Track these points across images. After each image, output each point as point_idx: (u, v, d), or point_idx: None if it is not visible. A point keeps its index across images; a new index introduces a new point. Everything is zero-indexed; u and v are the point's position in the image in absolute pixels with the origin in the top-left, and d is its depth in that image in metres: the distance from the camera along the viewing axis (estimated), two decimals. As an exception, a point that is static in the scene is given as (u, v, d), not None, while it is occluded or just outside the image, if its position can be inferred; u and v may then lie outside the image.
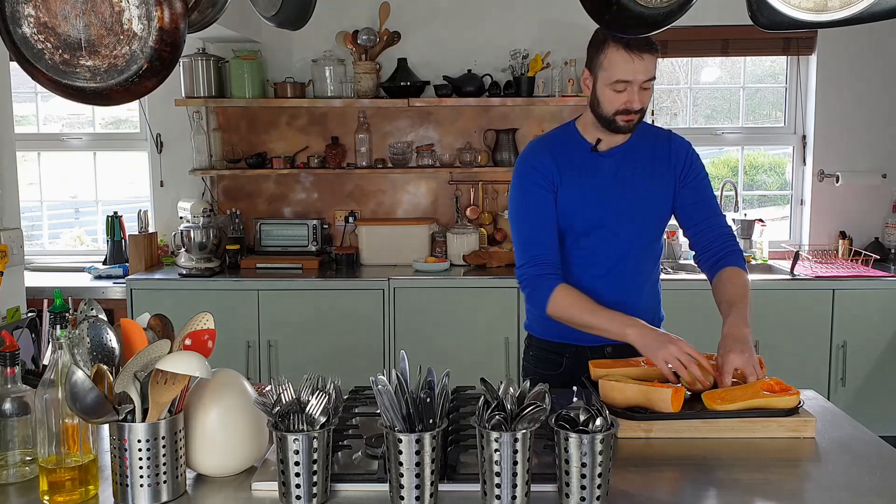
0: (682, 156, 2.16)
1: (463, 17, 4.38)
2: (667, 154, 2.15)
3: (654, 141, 2.17)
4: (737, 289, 2.03)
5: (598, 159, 2.11)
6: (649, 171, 2.13)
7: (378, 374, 1.35)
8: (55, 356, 1.41)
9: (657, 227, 2.19)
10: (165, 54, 1.48)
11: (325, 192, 4.50)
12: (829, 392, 3.96)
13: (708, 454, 1.64)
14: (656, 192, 2.14)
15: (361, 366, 3.83)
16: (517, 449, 1.32)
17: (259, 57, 4.28)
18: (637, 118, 2.02)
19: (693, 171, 2.16)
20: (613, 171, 2.11)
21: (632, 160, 2.12)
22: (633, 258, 2.15)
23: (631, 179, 2.11)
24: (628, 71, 1.95)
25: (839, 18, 1.52)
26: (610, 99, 2.00)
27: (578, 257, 2.13)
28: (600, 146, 2.10)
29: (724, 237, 2.15)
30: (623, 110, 1.99)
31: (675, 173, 2.15)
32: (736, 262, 2.11)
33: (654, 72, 1.98)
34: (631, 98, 1.98)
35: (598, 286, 2.11)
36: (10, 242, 2.78)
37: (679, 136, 2.21)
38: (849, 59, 4.39)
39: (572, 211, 2.10)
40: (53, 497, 1.39)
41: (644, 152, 2.14)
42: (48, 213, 4.81)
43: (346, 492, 1.44)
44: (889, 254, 4.38)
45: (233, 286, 3.96)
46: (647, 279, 2.20)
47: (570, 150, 2.12)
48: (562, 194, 2.10)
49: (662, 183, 2.14)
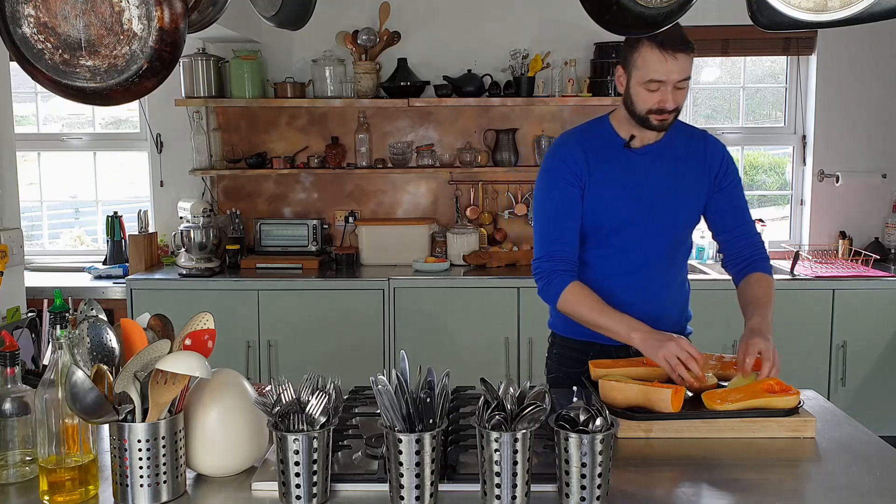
0: (717, 158, 2.14)
1: (463, 17, 4.38)
2: (702, 155, 2.13)
3: (688, 140, 2.14)
4: (762, 292, 2.08)
5: (631, 156, 2.09)
6: (682, 170, 2.10)
7: (378, 374, 1.35)
8: (55, 356, 1.41)
9: (687, 228, 2.17)
10: (165, 54, 1.48)
11: (325, 192, 4.50)
12: (829, 392, 3.96)
13: (708, 454, 1.64)
14: (688, 193, 2.11)
15: (361, 366, 3.83)
16: (517, 449, 1.32)
17: (259, 57, 4.28)
18: (671, 118, 2.01)
19: (728, 175, 2.14)
20: (646, 169, 2.09)
21: (665, 159, 2.10)
22: (662, 257, 2.13)
23: (663, 178, 2.09)
24: (662, 70, 1.93)
25: (839, 18, 1.52)
26: (643, 98, 1.99)
27: (607, 254, 2.11)
28: (633, 143, 2.08)
29: (755, 245, 2.18)
30: (656, 109, 1.98)
31: (709, 175, 2.12)
32: (763, 268, 2.14)
33: (688, 72, 1.96)
34: (664, 97, 1.96)
35: (626, 284, 2.10)
36: (10, 242, 2.78)
37: (714, 137, 2.18)
38: (849, 59, 4.39)
39: (602, 208, 2.08)
40: (53, 497, 1.40)
41: (678, 151, 2.11)
42: (48, 213, 4.81)
43: (346, 492, 1.44)
44: (889, 254, 4.38)
45: (233, 286, 3.96)
46: (675, 278, 2.18)
47: (602, 146, 2.11)
48: (591, 190, 2.08)
49: (696, 183, 2.12)
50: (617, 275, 2.11)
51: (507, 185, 4.43)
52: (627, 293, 2.09)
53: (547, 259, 2.09)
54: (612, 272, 2.12)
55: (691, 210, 2.14)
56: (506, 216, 4.43)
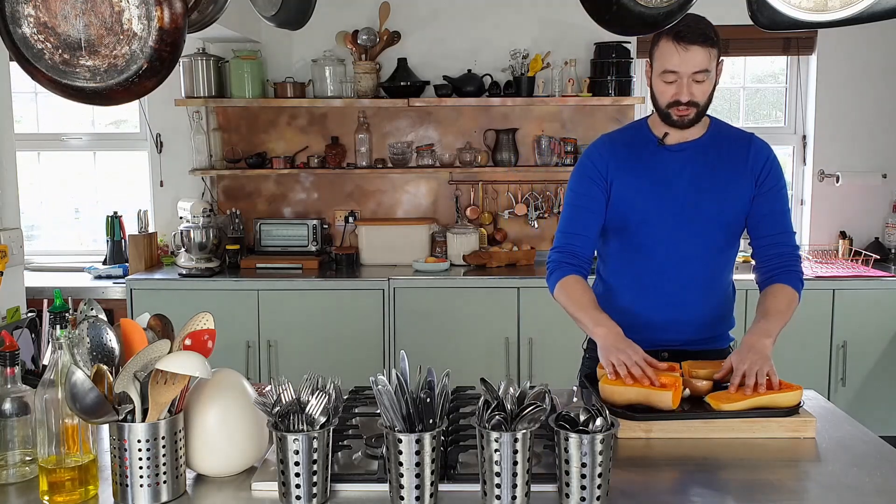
0: (761, 160, 2.07)
1: (463, 17, 4.38)
2: (745, 157, 2.07)
3: (731, 141, 2.09)
4: (777, 303, 1.99)
5: (665, 154, 2.06)
6: (722, 170, 2.05)
7: (378, 374, 1.35)
8: (55, 356, 1.41)
9: (726, 229, 2.07)
10: (165, 54, 1.48)
11: (325, 192, 4.50)
12: (829, 392, 3.96)
13: (708, 454, 1.64)
14: (727, 195, 2.04)
15: (361, 366, 3.82)
16: (517, 449, 1.32)
17: (259, 57, 4.28)
18: (693, 113, 1.98)
19: (771, 178, 2.07)
20: (678, 166, 2.05)
21: (703, 157, 2.06)
22: (695, 258, 2.05)
23: (698, 176, 2.04)
24: (674, 62, 1.93)
25: (839, 18, 1.52)
26: (661, 90, 1.99)
27: (632, 252, 2.09)
28: (668, 139, 2.06)
29: (788, 255, 2.08)
30: (674, 102, 1.97)
31: (752, 178, 2.06)
32: (789, 280, 2.04)
33: (705, 65, 1.93)
34: (679, 90, 1.95)
35: (654, 282, 2.07)
36: (10, 242, 2.77)
37: (760, 140, 2.11)
38: (849, 59, 4.39)
39: (626, 202, 2.06)
40: (53, 497, 1.39)
41: (719, 151, 2.07)
42: (48, 213, 4.81)
43: (346, 492, 1.44)
44: (889, 254, 4.37)
45: (233, 286, 3.96)
46: (709, 283, 2.10)
47: (634, 144, 2.10)
48: (617, 186, 2.07)
49: (737, 186, 2.05)
50: (645, 272, 2.08)
51: (507, 185, 4.43)
52: (654, 292, 2.06)
53: (558, 250, 2.13)
54: (641, 270, 2.09)
55: (731, 212, 2.06)
56: (506, 216, 4.43)
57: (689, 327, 2.08)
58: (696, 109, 1.98)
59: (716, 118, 2.14)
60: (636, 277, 2.10)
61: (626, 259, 2.11)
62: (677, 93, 1.96)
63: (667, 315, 2.05)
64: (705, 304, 2.11)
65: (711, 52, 1.94)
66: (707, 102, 1.99)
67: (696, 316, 2.08)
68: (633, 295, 2.09)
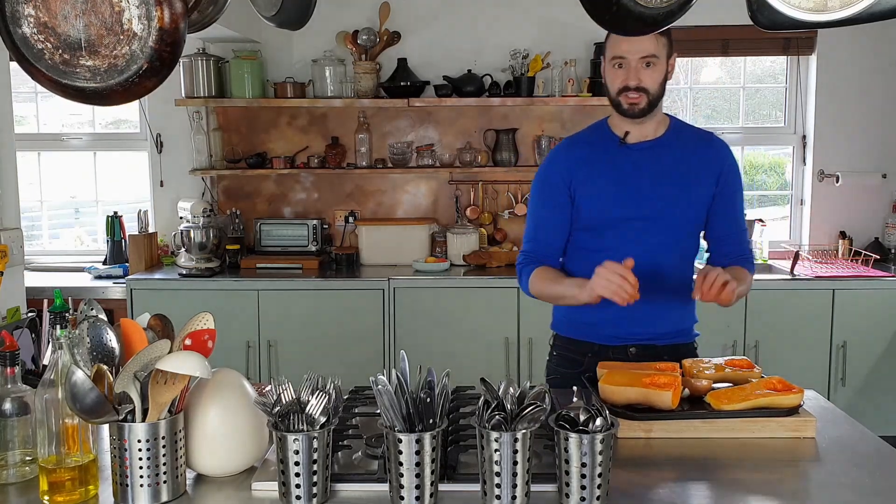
0: (722, 160, 2.12)
1: (463, 17, 4.38)
2: (706, 156, 2.11)
3: (693, 140, 2.13)
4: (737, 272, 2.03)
5: (627, 153, 2.09)
6: (684, 168, 2.08)
7: (378, 374, 1.35)
8: (55, 356, 1.41)
9: (688, 226, 2.13)
10: (165, 54, 1.48)
11: (325, 192, 4.50)
12: (829, 392, 3.96)
13: (708, 454, 1.63)
14: (690, 193, 2.09)
15: (361, 366, 3.82)
16: (517, 449, 1.32)
17: (259, 57, 4.28)
18: (643, 100, 2.00)
19: (731, 177, 2.12)
20: (641, 164, 2.07)
21: (665, 155, 2.08)
22: (662, 255, 2.09)
23: (661, 174, 2.07)
24: (623, 47, 1.97)
25: (839, 18, 1.52)
26: (611, 78, 2.03)
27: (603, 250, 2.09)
28: (629, 138, 2.08)
29: (744, 253, 2.16)
30: (623, 88, 2.00)
31: (714, 177, 2.10)
32: (748, 267, 2.13)
33: (653, 50, 1.97)
34: (627, 75, 1.99)
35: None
36: (10, 242, 2.78)
37: (720, 139, 2.16)
38: (849, 59, 4.39)
39: (592, 203, 2.09)
40: (53, 497, 1.39)
41: (681, 150, 2.09)
42: (48, 213, 4.81)
43: (346, 492, 1.44)
44: (889, 254, 4.37)
45: (233, 286, 3.96)
46: (675, 279, 2.15)
47: (596, 145, 2.12)
48: (580, 188, 2.09)
49: (698, 184, 2.09)
50: None
51: (507, 185, 4.43)
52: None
53: (523, 254, 2.19)
54: None
55: (693, 208, 2.11)
56: (506, 216, 4.43)
57: (656, 321, 2.12)
58: (647, 98, 2.01)
59: (675, 117, 2.17)
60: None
61: (593, 257, 2.11)
62: (626, 78, 1.99)
63: (636, 310, 2.05)
64: (672, 299, 2.15)
65: (660, 40, 1.98)
66: (658, 92, 2.02)
67: (663, 310, 2.12)
68: None
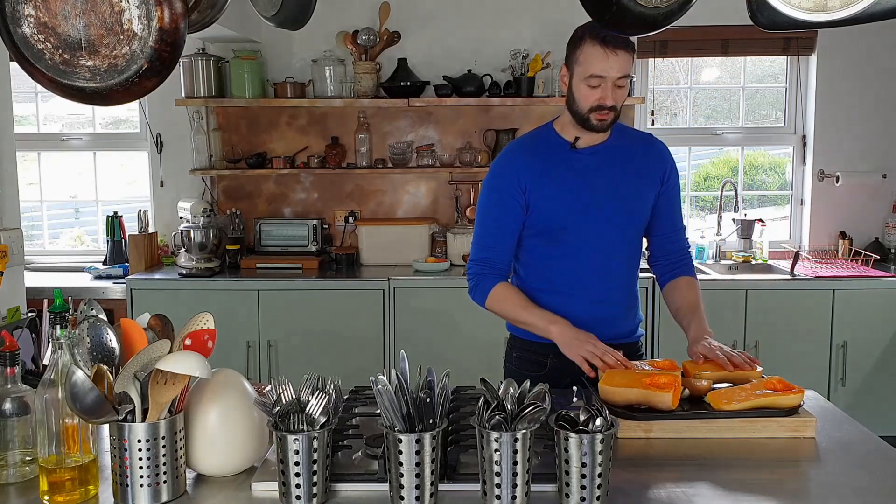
0: (664, 161, 2.17)
1: (463, 17, 4.38)
2: (648, 156, 2.16)
3: (635, 142, 2.17)
4: (694, 297, 2.15)
5: (577, 157, 2.10)
6: (630, 171, 2.12)
7: (378, 375, 1.35)
8: (55, 356, 1.41)
9: (637, 228, 2.18)
10: (165, 54, 1.48)
11: (325, 192, 4.50)
12: (829, 392, 3.96)
13: (708, 454, 1.64)
14: (637, 193, 2.13)
15: (361, 366, 3.83)
16: (517, 449, 1.32)
17: (259, 57, 4.28)
18: (611, 117, 2.02)
19: (672, 177, 2.18)
20: (592, 169, 2.10)
21: (612, 159, 2.11)
22: (614, 258, 2.14)
23: (611, 178, 2.10)
24: (603, 67, 1.95)
25: (839, 18, 1.52)
26: (584, 95, 2.00)
27: (559, 255, 2.13)
28: (578, 144, 2.09)
29: (684, 250, 2.25)
30: (597, 107, 1.99)
31: (658, 177, 2.16)
32: (691, 272, 2.22)
33: (628, 69, 1.98)
34: (604, 94, 1.98)
35: (578, 283, 2.12)
36: (10, 242, 2.78)
37: (660, 141, 2.22)
38: (849, 59, 4.39)
39: (549, 208, 2.09)
40: (53, 497, 1.39)
41: (625, 152, 2.13)
42: (48, 213, 4.81)
43: (346, 492, 1.44)
44: (889, 254, 4.38)
45: (233, 286, 3.96)
46: (626, 280, 2.19)
47: (546, 150, 2.12)
48: (534, 194, 2.09)
49: (644, 185, 2.14)
50: (570, 273, 2.12)
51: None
52: (580, 291, 2.11)
53: (478, 263, 2.16)
54: (565, 271, 2.13)
55: (641, 211, 2.15)
56: (506, 216, 4.42)
57: (613, 323, 2.15)
58: (615, 114, 2.03)
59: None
60: (561, 279, 2.13)
61: (548, 263, 2.15)
62: (603, 97, 1.98)
63: (593, 313, 2.10)
64: (625, 300, 2.19)
65: (633, 58, 1.99)
66: (621, 107, 2.05)
67: (618, 311, 2.17)
68: (559, 296, 2.12)
